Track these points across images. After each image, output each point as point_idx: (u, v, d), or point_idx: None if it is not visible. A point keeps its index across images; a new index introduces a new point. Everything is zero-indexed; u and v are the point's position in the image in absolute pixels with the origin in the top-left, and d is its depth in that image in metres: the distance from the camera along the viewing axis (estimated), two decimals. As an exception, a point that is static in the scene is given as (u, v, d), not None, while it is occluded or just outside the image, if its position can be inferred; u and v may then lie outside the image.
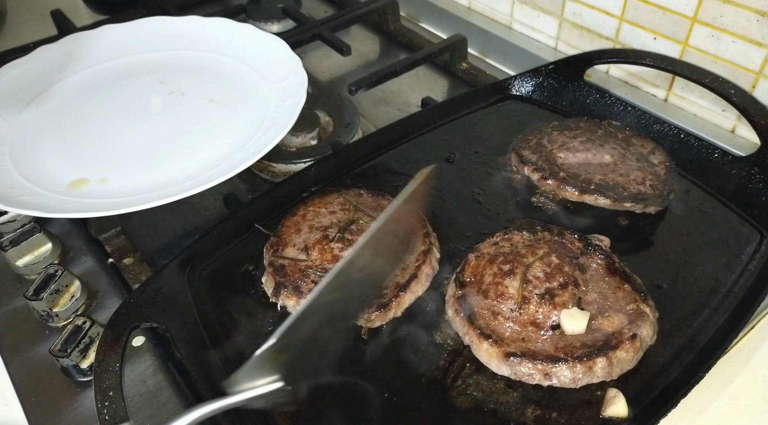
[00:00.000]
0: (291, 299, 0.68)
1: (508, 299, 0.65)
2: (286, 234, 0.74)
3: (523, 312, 0.64)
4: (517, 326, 0.64)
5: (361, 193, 0.79)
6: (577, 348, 0.61)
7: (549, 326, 0.63)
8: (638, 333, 0.62)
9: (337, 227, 0.73)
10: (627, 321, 0.64)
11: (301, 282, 0.68)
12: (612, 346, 0.61)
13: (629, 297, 0.66)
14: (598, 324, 0.64)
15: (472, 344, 0.64)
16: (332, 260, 0.70)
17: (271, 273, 0.70)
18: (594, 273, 0.69)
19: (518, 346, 0.62)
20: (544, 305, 0.64)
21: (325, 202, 0.78)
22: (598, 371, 0.60)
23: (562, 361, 0.60)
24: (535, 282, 0.66)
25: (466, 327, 0.65)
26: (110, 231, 0.83)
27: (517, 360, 0.61)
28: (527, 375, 0.61)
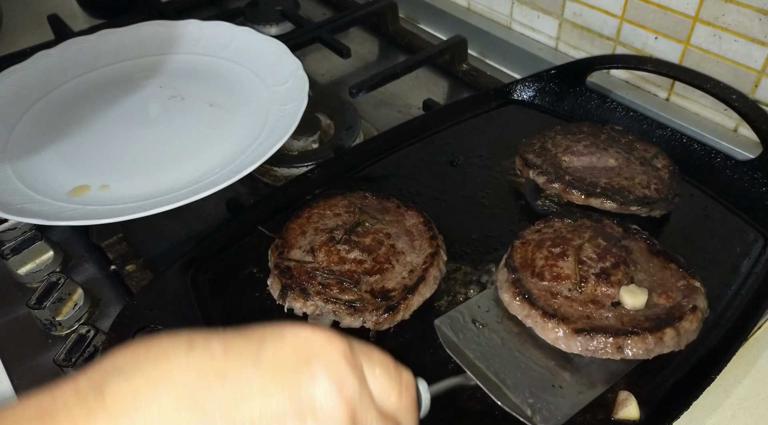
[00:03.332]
0: (298, 301, 0.67)
1: (565, 279, 0.66)
2: (292, 237, 0.74)
3: (582, 291, 0.65)
4: (578, 305, 0.65)
5: (366, 196, 0.79)
6: (644, 322, 0.63)
7: (609, 303, 0.65)
8: (697, 304, 0.64)
9: (342, 229, 0.73)
10: (682, 296, 0.65)
11: (308, 284, 0.68)
12: (677, 318, 0.63)
13: (677, 274, 0.68)
14: (655, 300, 0.65)
15: (536, 325, 0.64)
16: (339, 262, 0.70)
17: (276, 275, 0.70)
18: (639, 255, 0.70)
19: (585, 323, 0.63)
20: (601, 283, 0.65)
21: (329, 205, 0.78)
22: (668, 341, 0.62)
23: (633, 334, 0.61)
24: (589, 263, 0.67)
25: (528, 308, 0.65)
26: (112, 238, 0.82)
27: (589, 336, 0.61)
28: (600, 350, 0.61)
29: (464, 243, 0.77)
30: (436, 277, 0.70)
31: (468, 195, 0.84)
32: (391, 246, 0.72)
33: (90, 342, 0.66)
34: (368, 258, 0.70)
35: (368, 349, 0.41)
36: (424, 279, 0.69)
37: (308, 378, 0.37)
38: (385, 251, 0.71)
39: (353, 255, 0.70)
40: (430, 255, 0.71)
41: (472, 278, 0.73)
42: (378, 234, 0.73)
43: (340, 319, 0.66)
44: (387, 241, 0.72)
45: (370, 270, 0.69)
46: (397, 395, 0.41)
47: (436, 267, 0.70)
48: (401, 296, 0.67)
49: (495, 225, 0.80)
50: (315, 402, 0.36)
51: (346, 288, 0.67)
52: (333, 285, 0.68)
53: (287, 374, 0.37)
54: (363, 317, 0.66)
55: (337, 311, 0.66)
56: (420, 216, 0.76)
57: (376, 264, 0.70)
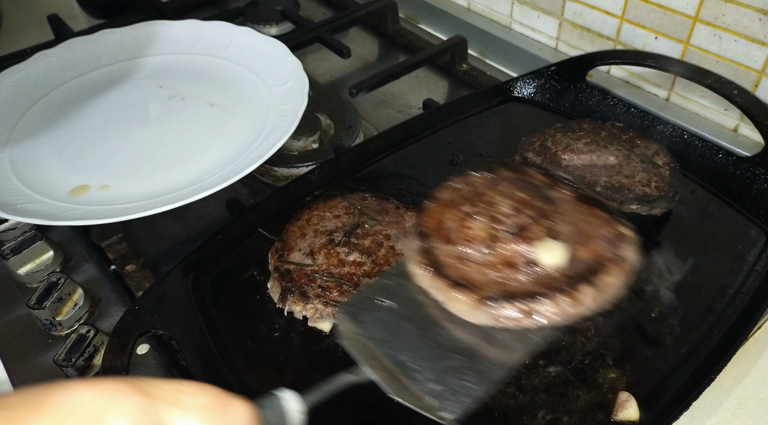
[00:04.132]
0: (298, 304, 0.67)
1: (476, 242, 0.58)
2: (291, 239, 0.74)
3: (495, 254, 0.57)
4: (491, 270, 0.57)
5: (366, 197, 0.79)
6: (560, 281, 0.55)
7: (526, 263, 0.56)
8: (622, 254, 0.58)
9: (342, 231, 0.73)
10: (606, 246, 0.59)
11: (308, 287, 0.68)
12: (596, 271, 0.56)
13: (604, 221, 0.61)
14: (580, 254, 0.58)
15: (446, 298, 0.56)
16: (338, 264, 0.70)
17: (276, 278, 0.70)
18: (565, 206, 0.63)
19: (495, 290, 0.55)
20: (516, 242, 0.57)
21: (329, 206, 0.78)
22: (587, 300, 0.54)
23: (542, 295, 0.54)
24: (503, 220, 0.59)
25: (434, 279, 0.57)
26: (112, 238, 0.82)
27: (494, 304, 0.54)
28: (510, 319, 0.54)
29: (464, 243, 0.77)
30: None
31: (468, 195, 0.84)
32: (390, 247, 0.72)
33: (90, 342, 0.66)
34: (368, 260, 0.70)
35: (181, 394, 0.35)
36: None
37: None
38: (384, 253, 0.71)
39: (353, 258, 0.70)
40: None
41: (472, 278, 0.73)
42: (377, 236, 0.73)
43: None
44: (386, 243, 0.72)
45: (370, 272, 0.69)
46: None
47: None
48: None
49: (495, 225, 0.79)
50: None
51: (345, 290, 0.67)
52: (332, 287, 0.68)
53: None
54: None
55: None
56: (414, 213, 0.76)
57: (375, 266, 0.70)
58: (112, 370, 0.60)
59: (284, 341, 0.67)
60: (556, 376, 0.63)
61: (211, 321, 0.69)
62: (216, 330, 0.68)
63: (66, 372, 0.65)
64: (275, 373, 0.64)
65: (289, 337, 0.67)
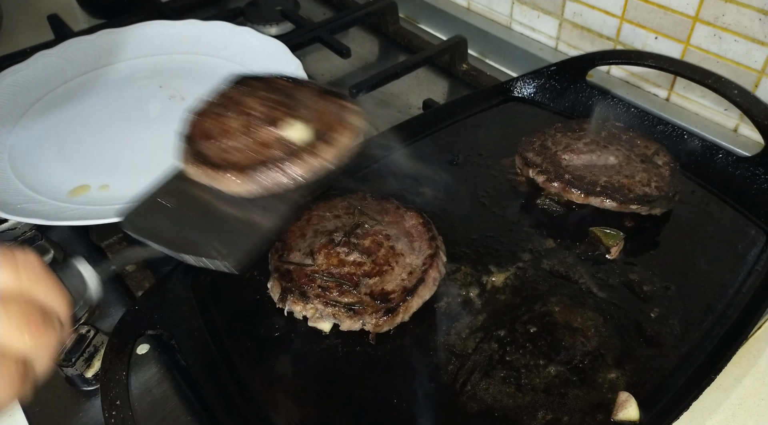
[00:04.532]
0: (298, 304, 0.67)
1: (233, 133, 0.65)
2: (291, 239, 0.74)
3: (249, 139, 0.64)
4: (249, 152, 0.63)
5: (366, 197, 0.79)
6: (305, 147, 0.63)
7: (276, 141, 0.64)
8: (349, 120, 0.65)
9: (342, 231, 0.73)
10: (338, 118, 0.66)
11: (308, 287, 0.68)
12: (331, 134, 0.64)
13: (336, 104, 0.68)
14: (317, 127, 0.66)
15: (215, 181, 0.63)
16: (338, 264, 0.70)
17: (276, 278, 0.70)
18: (304, 98, 0.69)
19: (255, 163, 0.62)
20: (265, 126, 0.64)
21: (329, 206, 0.77)
22: (325, 155, 0.61)
23: (291, 156, 0.61)
24: (254, 113, 0.66)
25: (204, 169, 0.63)
26: (112, 238, 0.82)
27: (254, 172, 0.61)
28: (270, 180, 0.61)
29: (464, 244, 0.77)
30: (436, 279, 0.70)
31: (468, 194, 0.84)
32: (390, 247, 0.72)
33: (90, 342, 0.66)
34: (367, 260, 0.70)
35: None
36: (423, 281, 0.68)
37: None
38: (384, 253, 0.71)
39: (352, 258, 0.70)
40: (429, 256, 0.71)
41: (472, 278, 0.73)
42: (377, 236, 0.73)
43: (339, 322, 0.66)
44: (386, 243, 0.72)
45: (370, 272, 0.69)
46: (13, 274, 0.43)
47: (436, 268, 0.70)
48: (400, 298, 0.67)
49: (495, 225, 0.79)
50: None
51: (345, 290, 0.67)
52: (332, 288, 0.68)
53: None
54: (362, 320, 0.66)
55: (337, 314, 0.66)
56: (419, 217, 0.76)
57: (375, 266, 0.70)
58: (112, 370, 0.60)
59: (284, 341, 0.67)
60: (555, 376, 0.63)
61: (211, 321, 0.69)
62: (216, 330, 0.68)
63: (66, 372, 0.65)
64: (275, 373, 0.64)
65: (289, 337, 0.67)
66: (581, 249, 0.76)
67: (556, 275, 0.73)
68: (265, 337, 0.67)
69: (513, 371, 0.63)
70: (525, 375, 0.63)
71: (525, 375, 0.63)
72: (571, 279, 0.72)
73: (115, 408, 0.57)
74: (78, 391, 0.66)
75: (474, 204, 0.83)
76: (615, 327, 0.67)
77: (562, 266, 0.74)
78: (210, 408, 0.61)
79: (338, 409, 0.61)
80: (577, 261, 0.75)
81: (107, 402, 0.57)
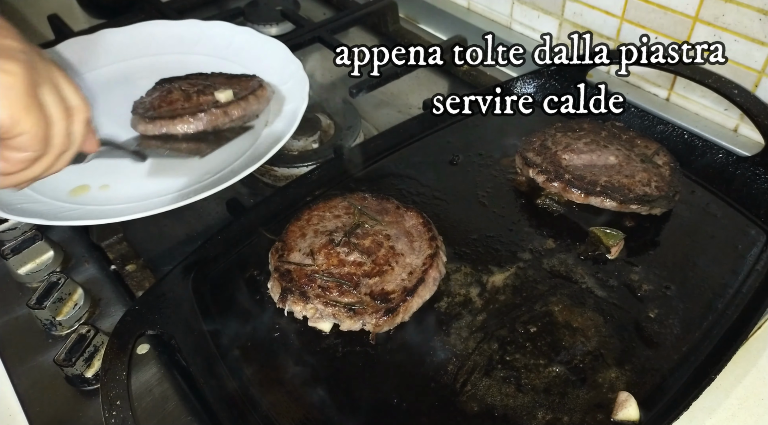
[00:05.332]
0: (298, 304, 0.67)
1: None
2: (291, 239, 0.74)
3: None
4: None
5: (365, 197, 0.79)
6: None
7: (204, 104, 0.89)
8: (261, 84, 0.90)
9: (342, 231, 0.73)
10: (250, 88, 0.91)
11: (308, 288, 0.68)
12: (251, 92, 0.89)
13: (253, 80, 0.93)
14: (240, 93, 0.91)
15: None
16: (339, 264, 0.70)
17: (276, 278, 0.70)
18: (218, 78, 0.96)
19: None
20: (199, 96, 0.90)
21: (329, 206, 0.77)
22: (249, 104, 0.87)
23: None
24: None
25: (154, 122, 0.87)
26: (112, 238, 0.82)
27: None
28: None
29: (464, 244, 0.77)
30: (436, 279, 0.70)
31: (468, 194, 0.84)
32: (390, 247, 0.72)
33: (90, 342, 0.66)
34: (368, 260, 0.70)
35: None
36: (423, 281, 0.68)
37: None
38: (384, 253, 0.71)
39: (353, 258, 0.70)
40: (429, 256, 0.71)
41: (472, 278, 0.73)
42: (377, 236, 0.73)
43: (340, 322, 0.66)
44: (386, 243, 0.72)
45: (370, 272, 0.69)
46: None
47: (436, 268, 0.70)
48: (400, 298, 0.67)
49: (495, 225, 0.79)
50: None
51: (345, 290, 0.67)
52: (333, 288, 0.68)
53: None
54: (363, 320, 0.66)
55: (337, 314, 0.66)
56: (419, 217, 0.76)
57: (375, 266, 0.70)
58: (112, 370, 0.60)
59: (284, 341, 0.67)
60: (556, 376, 0.63)
61: (211, 321, 0.69)
62: (216, 330, 0.68)
63: (66, 372, 0.65)
64: (276, 373, 0.64)
65: (289, 337, 0.67)
66: (581, 249, 0.76)
67: (557, 275, 0.73)
68: (265, 337, 0.67)
69: (513, 371, 0.63)
70: (525, 375, 0.63)
71: (525, 375, 0.63)
72: (571, 279, 0.72)
73: (115, 408, 0.57)
74: (78, 391, 0.66)
75: (474, 204, 0.83)
76: (615, 327, 0.67)
77: (563, 266, 0.74)
78: (210, 408, 0.61)
79: (338, 409, 0.61)
80: (577, 261, 0.75)
81: (107, 402, 0.57)
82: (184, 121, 0.84)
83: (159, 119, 0.84)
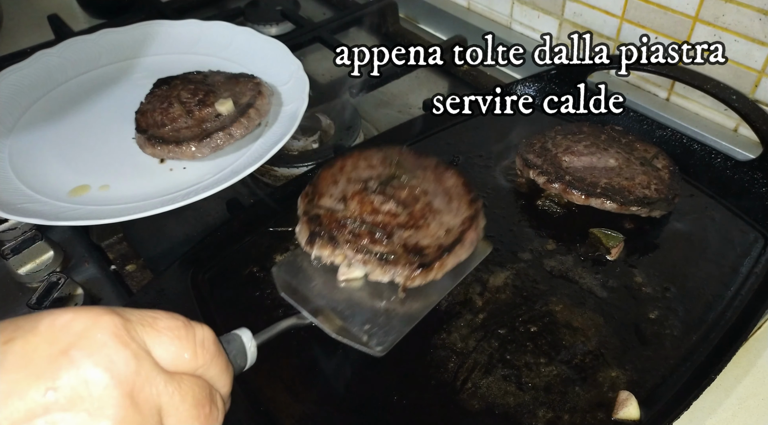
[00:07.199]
0: (326, 249, 0.63)
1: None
2: (323, 185, 0.70)
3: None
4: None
5: (403, 151, 0.75)
6: None
7: None
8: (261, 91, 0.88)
9: (377, 180, 0.69)
10: (250, 94, 0.89)
11: (338, 233, 0.64)
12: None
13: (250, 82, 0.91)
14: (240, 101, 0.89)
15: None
16: (372, 212, 0.66)
17: (305, 222, 0.66)
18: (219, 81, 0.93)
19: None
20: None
21: (364, 156, 0.73)
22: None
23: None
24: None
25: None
26: (112, 238, 0.82)
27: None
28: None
29: (464, 243, 0.77)
30: (473, 241, 0.66)
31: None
32: (427, 203, 0.67)
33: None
34: (403, 212, 0.66)
35: (152, 318, 0.39)
36: (461, 241, 0.64)
37: (68, 367, 0.34)
38: (421, 207, 0.67)
39: (387, 207, 0.66)
40: (469, 217, 0.66)
41: (473, 278, 0.73)
42: (414, 190, 0.68)
43: (369, 271, 0.62)
44: (424, 198, 0.68)
45: (405, 224, 0.65)
46: (191, 354, 0.40)
47: (474, 230, 0.66)
48: (436, 254, 0.62)
49: (495, 226, 0.79)
50: (81, 391, 0.34)
51: (377, 239, 0.63)
52: (364, 235, 0.63)
53: (37, 370, 0.34)
54: (394, 271, 0.61)
55: (368, 262, 0.62)
56: (460, 177, 0.71)
57: (411, 219, 0.65)
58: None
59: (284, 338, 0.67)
60: (556, 375, 0.63)
61: (210, 317, 0.69)
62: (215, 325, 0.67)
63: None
64: (274, 369, 0.64)
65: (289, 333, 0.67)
66: (581, 251, 0.76)
67: (557, 275, 0.73)
68: (265, 336, 0.67)
69: (514, 369, 0.63)
70: (525, 374, 0.63)
71: (525, 374, 0.63)
72: (571, 280, 0.73)
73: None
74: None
75: (474, 204, 0.83)
76: (615, 327, 0.67)
77: (563, 266, 0.74)
78: (210, 407, 0.61)
79: (339, 406, 0.61)
80: (577, 262, 0.75)
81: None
82: (190, 146, 0.84)
83: (165, 144, 0.84)
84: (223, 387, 0.43)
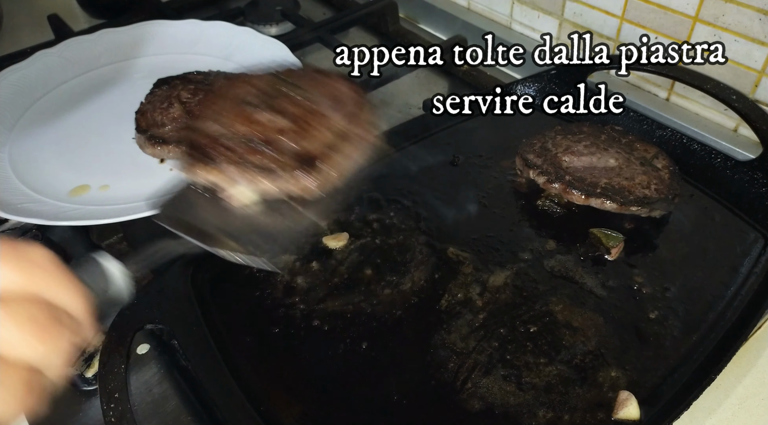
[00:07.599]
0: (205, 171, 0.56)
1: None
2: (202, 109, 0.64)
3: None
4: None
5: (292, 69, 0.68)
6: None
7: None
8: None
9: (259, 97, 0.62)
10: None
11: (212, 150, 0.57)
12: None
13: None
14: None
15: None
16: (252, 125, 0.59)
17: (182, 150, 0.60)
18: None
19: None
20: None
21: (249, 78, 0.66)
22: None
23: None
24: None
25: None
26: (112, 238, 0.82)
27: None
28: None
29: (464, 243, 0.77)
30: (365, 140, 0.60)
31: (468, 195, 0.84)
32: (311, 110, 0.61)
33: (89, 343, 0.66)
34: (286, 121, 0.59)
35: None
36: (350, 139, 0.59)
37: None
38: (304, 113, 0.60)
39: (267, 118, 0.59)
40: (357, 117, 0.61)
41: (473, 278, 0.73)
42: (298, 98, 0.62)
43: (256, 187, 0.56)
44: (308, 104, 0.62)
45: (288, 131, 0.59)
46: (23, 275, 0.39)
47: (364, 128, 0.60)
48: (324, 156, 0.56)
49: (495, 226, 0.79)
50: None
51: (256, 149, 0.57)
52: (246, 151, 0.57)
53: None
54: (280, 180, 0.55)
55: (252, 178, 0.55)
56: (346, 80, 0.66)
57: (295, 127, 0.59)
58: (110, 363, 0.60)
59: (284, 338, 0.67)
60: (556, 375, 0.63)
61: (210, 316, 0.68)
62: (215, 325, 0.68)
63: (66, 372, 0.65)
64: (274, 368, 0.64)
65: (288, 333, 0.67)
66: (581, 250, 0.76)
67: (557, 275, 0.73)
68: (265, 334, 0.67)
69: (514, 369, 0.63)
70: (526, 374, 0.63)
71: (526, 374, 0.63)
72: (571, 280, 0.73)
73: (113, 401, 0.57)
74: (78, 391, 0.66)
75: (474, 204, 0.83)
76: (615, 327, 0.67)
77: (563, 266, 0.74)
78: (210, 407, 0.61)
79: (339, 406, 0.61)
80: (577, 261, 0.75)
81: (106, 394, 0.57)
82: None
83: (165, 144, 0.85)
84: (78, 309, 0.41)
